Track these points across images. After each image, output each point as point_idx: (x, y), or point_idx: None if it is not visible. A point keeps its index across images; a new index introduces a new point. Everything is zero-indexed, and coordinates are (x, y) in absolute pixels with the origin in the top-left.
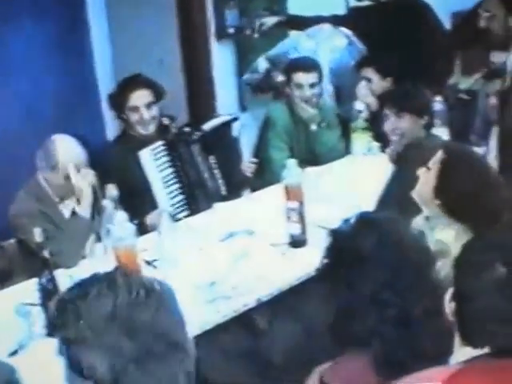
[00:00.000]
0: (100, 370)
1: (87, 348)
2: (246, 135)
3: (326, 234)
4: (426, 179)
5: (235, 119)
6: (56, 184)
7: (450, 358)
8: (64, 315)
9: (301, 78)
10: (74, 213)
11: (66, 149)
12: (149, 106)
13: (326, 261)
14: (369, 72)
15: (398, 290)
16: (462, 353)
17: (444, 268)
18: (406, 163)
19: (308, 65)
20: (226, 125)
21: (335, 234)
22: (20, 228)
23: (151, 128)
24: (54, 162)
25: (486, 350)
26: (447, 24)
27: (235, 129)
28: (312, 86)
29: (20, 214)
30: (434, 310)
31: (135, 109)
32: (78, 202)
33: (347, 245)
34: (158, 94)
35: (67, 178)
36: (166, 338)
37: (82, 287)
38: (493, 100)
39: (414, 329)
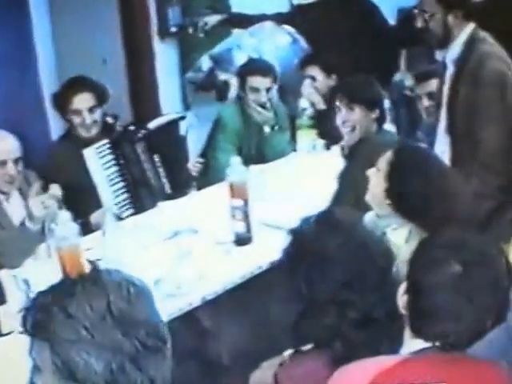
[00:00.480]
0: (97, 369)
1: (81, 347)
2: (189, 134)
3: (285, 233)
4: (376, 181)
5: (182, 118)
6: None
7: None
8: (50, 316)
9: (257, 81)
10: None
11: None
12: (91, 109)
13: (285, 260)
14: (313, 70)
15: (360, 291)
16: (412, 344)
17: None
18: (357, 159)
19: (265, 69)
20: (172, 123)
21: (296, 233)
22: None
23: (93, 131)
24: None
25: (436, 343)
26: (393, 20)
27: (182, 127)
28: (268, 90)
29: None
30: (395, 311)
31: (78, 112)
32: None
33: (308, 244)
34: (102, 97)
35: (1, 165)
36: (157, 334)
37: (62, 288)
38: (425, 101)
39: (374, 330)
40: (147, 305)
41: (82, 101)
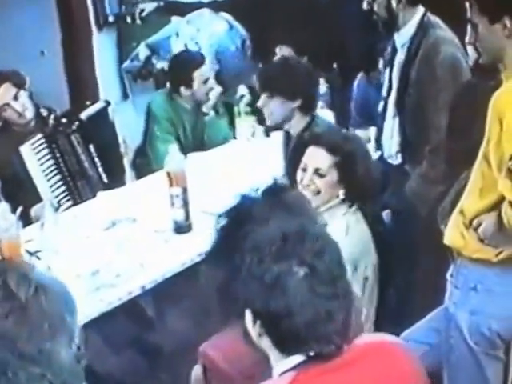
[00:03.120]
0: None
1: None
2: (128, 122)
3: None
4: (325, 184)
5: (108, 104)
6: None
7: None
8: None
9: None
10: None
11: None
12: (16, 97)
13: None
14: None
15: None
16: (284, 364)
17: None
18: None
19: (195, 62)
20: (102, 112)
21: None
22: None
23: (28, 114)
24: None
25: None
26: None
27: (109, 114)
28: (205, 82)
29: None
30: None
31: (6, 106)
32: None
33: (250, 217)
34: (19, 81)
35: None
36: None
37: None
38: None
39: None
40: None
41: (4, 94)
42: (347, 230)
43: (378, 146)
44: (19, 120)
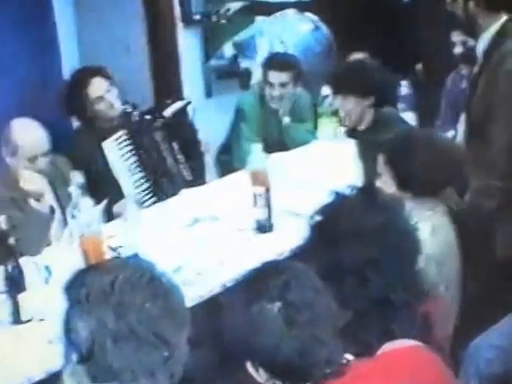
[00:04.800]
0: (80, 336)
1: (78, 313)
2: (210, 120)
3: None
4: (383, 181)
5: (189, 103)
6: (21, 168)
7: None
8: (72, 281)
9: (273, 76)
10: (41, 200)
11: (25, 132)
12: (108, 90)
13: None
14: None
15: (383, 271)
16: None
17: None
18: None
19: (281, 64)
20: (185, 109)
21: (331, 206)
22: None
23: (118, 108)
24: (14, 146)
25: None
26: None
27: (189, 113)
28: (283, 85)
29: None
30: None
31: (100, 98)
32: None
33: (344, 218)
34: (108, 75)
35: (31, 160)
36: (153, 328)
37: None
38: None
39: (388, 311)
40: (158, 301)
41: (98, 87)
42: (432, 232)
43: None
44: (109, 113)
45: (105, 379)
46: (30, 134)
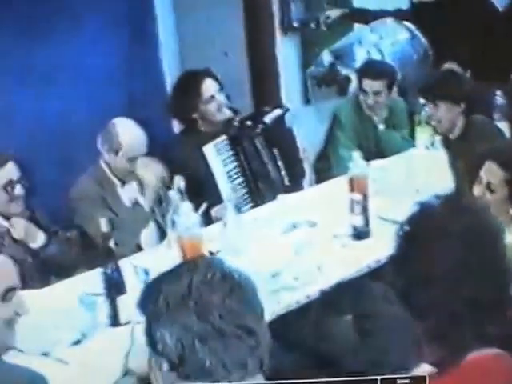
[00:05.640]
0: (168, 345)
1: (161, 324)
2: (308, 127)
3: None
4: (495, 200)
5: (288, 110)
6: (119, 167)
7: None
8: (147, 294)
9: (366, 84)
10: (136, 202)
11: (128, 131)
12: (219, 91)
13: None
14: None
15: (475, 272)
16: None
17: None
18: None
19: (375, 72)
20: (282, 116)
21: (425, 207)
22: (78, 211)
23: (225, 111)
24: (117, 144)
25: None
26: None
27: (288, 120)
28: (376, 93)
29: (79, 197)
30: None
31: (211, 98)
32: (141, 191)
33: (437, 219)
34: (217, 78)
35: (131, 160)
36: (235, 321)
37: (170, 271)
38: None
39: (479, 312)
40: (234, 295)
41: (209, 86)
42: None
43: None
44: (217, 115)
45: (198, 377)
46: (133, 134)
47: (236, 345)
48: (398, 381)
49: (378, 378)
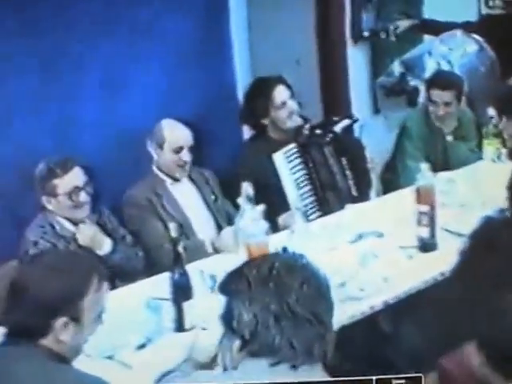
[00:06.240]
0: (244, 321)
1: (240, 301)
2: (377, 137)
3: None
4: None
5: (357, 120)
6: (167, 159)
7: None
8: (230, 277)
9: (436, 95)
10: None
11: (171, 127)
12: (290, 98)
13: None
14: None
15: None
16: None
17: None
18: None
19: (445, 82)
20: (351, 126)
21: (491, 220)
22: (129, 218)
23: (296, 119)
24: (162, 139)
25: None
26: None
27: (357, 130)
28: (447, 104)
29: (132, 201)
30: None
31: (283, 104)
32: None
33: (501, 232)
34: (289, 85)
35: (176, 151)
36: (309, 307)
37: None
38: None
39: None
40: (310, 284)
41: (281, 92)
42: None
43: None
44: (287, 123)
45: (264, 355)
46: (175, 127)
47: (307, 329)
48: (394, 381)
49: (374, 378)
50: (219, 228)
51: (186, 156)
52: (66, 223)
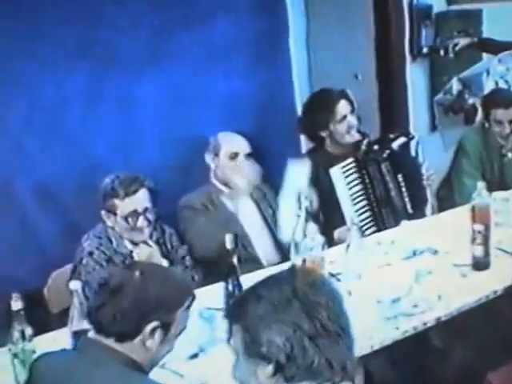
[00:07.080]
0: (275, 344)
1: (266, 325)
2: (434, 154)
3: None
4: None
5: (412, 138)
6: (223, 165)
7: None
8: (240, 303)
9: (500, 114)
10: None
11: (228, 135)
12: (351, 112)
13: None
14: None
15: None
16: None
17: None
18: None
19: (508, 101)
20: (409, 142)
21: None
22: (182, 219)
23: (354, 133)
24: (218, 147)
25: None
26: None
27: (413, 147)
28: (511, 122)
29: (187, 204)
30: None
31: (343, 119)
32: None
33: None
34: (351, 100)
35: (232, 157)
36: (338, 322)
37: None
38: None
39: None
40: (335, 299)
41: (344, 106)
42: None
43: None
44: (346, 137)
45: (303, 378)
46: (230, 135)
47: (340, 345)
48: None
49: None
50: (276, 241)
51: (242, 162)
52: (124, 241)
